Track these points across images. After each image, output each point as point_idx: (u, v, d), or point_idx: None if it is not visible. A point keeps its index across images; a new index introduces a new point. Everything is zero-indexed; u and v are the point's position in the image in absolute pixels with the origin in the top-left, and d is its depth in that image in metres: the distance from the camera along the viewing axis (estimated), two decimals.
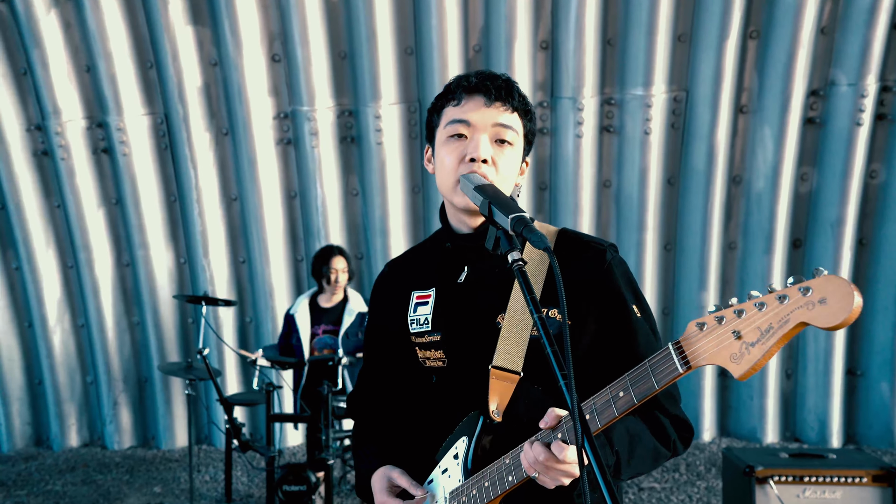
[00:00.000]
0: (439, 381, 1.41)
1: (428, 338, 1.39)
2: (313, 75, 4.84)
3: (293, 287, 5.26)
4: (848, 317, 0.85)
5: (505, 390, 1.30)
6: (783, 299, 0.89)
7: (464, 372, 1.36)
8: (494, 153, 1.30)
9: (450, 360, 1.37)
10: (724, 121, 4.75)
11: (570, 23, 4.65)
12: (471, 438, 1.31)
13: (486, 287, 1.37)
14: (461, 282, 1.39)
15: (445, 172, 1.32)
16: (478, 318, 1.35)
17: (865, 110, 4.58)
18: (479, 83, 1.32)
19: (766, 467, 3.20)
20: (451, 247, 1.40)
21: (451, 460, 1.33)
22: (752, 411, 5.11)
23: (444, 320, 1.38)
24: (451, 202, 1.35)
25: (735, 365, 0.94)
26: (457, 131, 1.31)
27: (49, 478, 4.85)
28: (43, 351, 5.40)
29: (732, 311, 0.95)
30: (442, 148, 1.33)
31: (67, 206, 5.13)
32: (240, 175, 5.08)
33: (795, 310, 0.88)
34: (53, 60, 4.80)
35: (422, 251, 1.53)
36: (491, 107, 1.31)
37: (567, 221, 4.99)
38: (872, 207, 4.84)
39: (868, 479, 3.14)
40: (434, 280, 1.42)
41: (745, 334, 0.93)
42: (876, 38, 4.44)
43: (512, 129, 1.32)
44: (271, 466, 3.51)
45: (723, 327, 0.95)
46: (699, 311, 5.06)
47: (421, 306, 1.42)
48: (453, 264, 1.40)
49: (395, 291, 1.48)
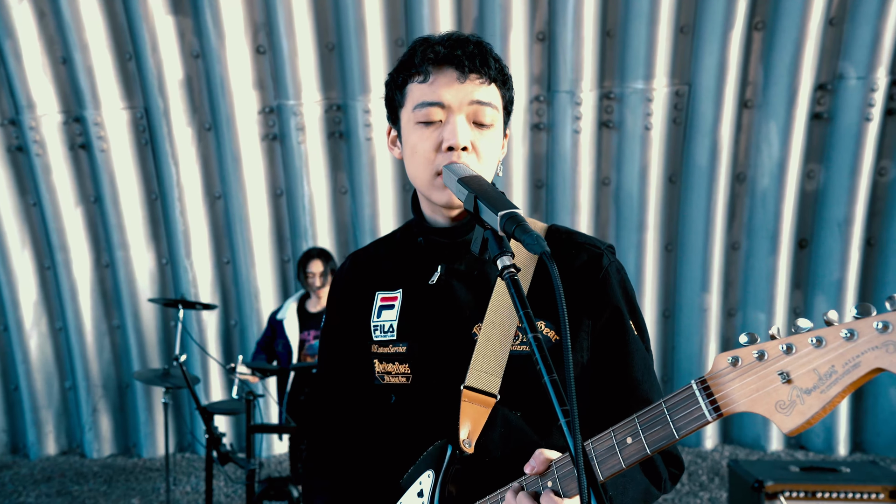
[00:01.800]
0: (400, 402, 1.20)
1: (392, 348, 1.18)
2: (300, 68, 4.66)
3: (279, 289, 5.07)
4: None
5: (478, 415, 1.11)
6: (851, 336, 0.70)
7: (431, 391, 1.15)
8: (473, 137, 1.11)
9: (415, 377, 1.16)
10: (727, 116, 4.59)
11: (568, 13, 4.49)
12: (437, 472, 1.11)
13: (462, 291, 1.17)
14: (433, 283, 1.18)
15: (419, 163, 1.12)
16: (450, 328, 1.16)
17: (875, 105, 4.43)
18: (448, 53, 1.11)
19: (775, 482, 3.02)
20: (424, 242, 1.20)
21: (413, 497, 1.13)
22: (756, 418, 4.93)
23: (411, 328, 1.18)
24: (428, 197, 1.15)
25: (783, 416, 0.74)
26: (427, 117, 1.11)
27: (23, 489, 4.65)
28: (19, 355, 5.21)
29: (779, 346, 0.75)
30: (412, 134, 1.13)
31: (43, 204, 4.93)
32: (223, 172, 4.89)
33: (869, 350, 0.69)
34: (27, 52, 4.62)
35: (390, 243, 1.30)
36: (465, 81, 1.11)
37: (564, 220, 4.81)
38: (881, 206, 4.68)
39: (885, 496, 2.95)
40: (402, 280, 1.22)
41: (796, 378, 0.73)
42: (887, 29, 4.28)
43: (491, 105, 1.13)
44: (251, 480, 3.31)
45: (765, 366, 0.76)
46: (701, 314, 4.89)
47: (386, 310, 1.21)
48: (425, 262, 1.20)
49: (358, 290, 1.26)
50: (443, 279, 1.18)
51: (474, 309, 1.15)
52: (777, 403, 0.75)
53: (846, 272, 4.70)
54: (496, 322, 1.13)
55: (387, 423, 1.22)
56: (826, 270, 4.77)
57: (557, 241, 1.18)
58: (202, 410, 3.57)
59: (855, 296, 4.75)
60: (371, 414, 1.25)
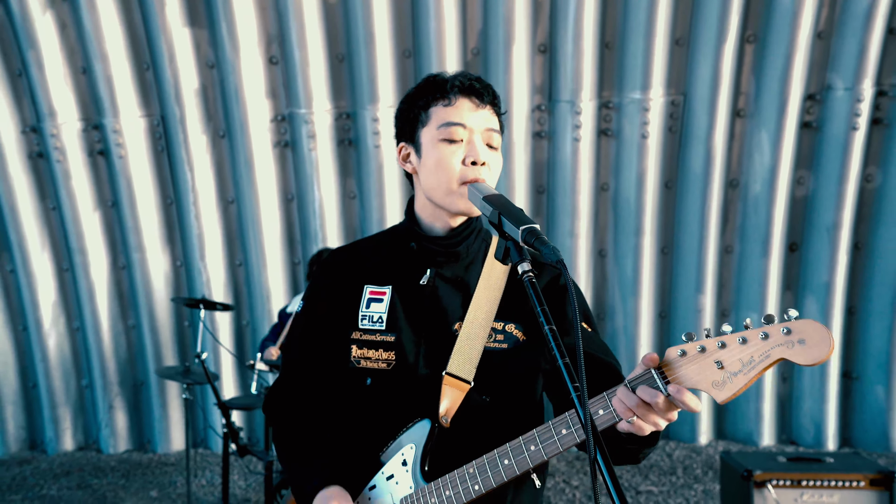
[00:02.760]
0: (376, 384, 1.35)
1: (379, 337, 1.35)
2: (311, 77, 4.83)
3: (290, 290, 5.25)
4: (824, 357, 0.96)
5: (455, 398, 1.31)
6: (766, 337, 0.99)
7: (413, 376, 1.33)
8: (490, 157, 1.34)
9: (398, 364, 1.33)
10: (721, 124, 4.77)
11: (569, 26, 4.66)
12: (419, 444, 1.29)
13: (447, 293, 1.37)
14: (423, 284, 1.37)
15: (444, 174, 1.32)
16: (436, 324, 1.35)
17: (861, 115, 4.61)
18: (469, 85, 1.35)
19: (764, 471, 3.21)
20: (416, 247, 1.38)
21: (398, 466, 1.31)
22: (749, 415, 5.13)
23: (400, 322, 1.35)
24: (444, 204, 1.34)
25: (717, 391, 1.03)
26: (453, 136, 1.32)
27: (44, 482, 4.82)
28: (38, 354, 5.37)
29: (715, 343, 1.03)
30: (435, 149, 1.33)
31: (63, 208, 5.10)
32: (237, 178, 5.06)
33: (776, 346, 0.99)
34: (49, 62, 4.78)
35: (376, 244, 1.47)
36: (480, 109, 1.34)
37: (565, 225, 5.00)
38: (868, 211, 4.87)
39: (866, 483, 3.15)
40: (391, 277, 1.39)
41: (727, 365, 1.02)
42: (872, 42, 4.47)
43: (497, 132, 1.38)
44: (269, 471, 3.49)
45: (705, 357, 1.04)
46: (696, 315, 5.08)
47: (375, 302, 1.38)
48: (416, 265, 1.38)
49: (344, 282, 1.41)
50: (431, 281, 1.37)
51: (457, 309, 1.35)
52: (713, 382, 1.04)
53: (834, 275, 4.89)
54: (475, 321, 1.33)
55: (361, 403, 1.37)
56: (815, 273, 4.96)
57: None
58: (222, 405, 3.76)
59: (843, 297, 4.94)
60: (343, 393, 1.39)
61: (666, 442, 5.24)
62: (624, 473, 4.70)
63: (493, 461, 1.21)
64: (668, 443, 5.22)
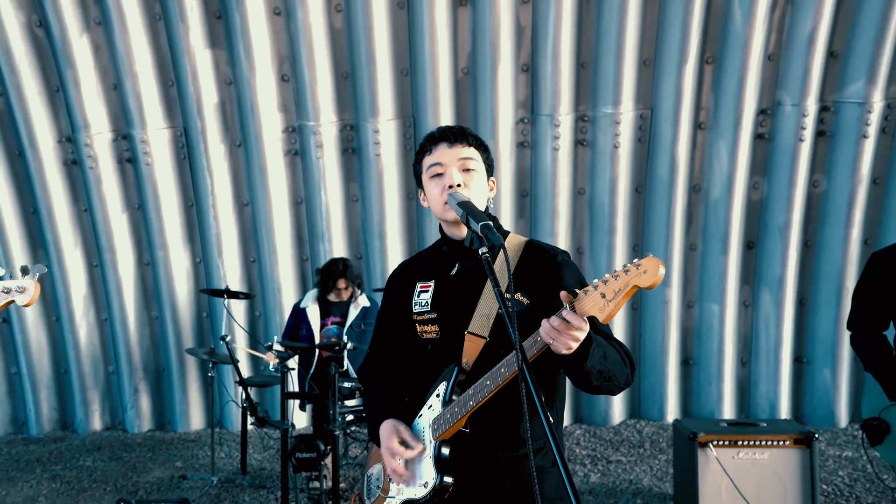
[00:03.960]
0: (433, 349, 1.85)
1: (426, 315, 1.88)
2: (318, 93, 5.36)
3: (299, 284, 5.81)
4: (657, 280, 1.40)
5: (475, 349, 1.80)
6: (627, 272, 1.45)
7: (450, 338, 1.84)
8: (465, 178, 1.81)
9: (442, 332, 1.86)
10: (684, 136, 5.32)
11: (548, 48, 5.21)
12: (448, 381, 1.80)
13: (470, 278, 1.87)
14: (453, 274, 1.89)
15: (434, 200, 1.84)
16: (463, 300, 1.86)
17: (807, 128, 5.17)
18: (440, 134, 1.85)
19: (706, 433, 3.76)
20: (447, 250, 1.92)
21: (434, 399, 1.82)
22: (711, 395, 5.70)
23: (439, 302, 1.88)
24: (444, 219, 1.86)
25: (602, 314, 1.48)
26: (435, 172, 1.82)
27: (79, 455, 5.37)
28: (70, 343, 5.92)
29: (601, 282, 1.49)
30: (428, 184, 1.85)
31: (94, 210, 5.65)
32: (251, 183, 5.61)
33: (632, 278, 1.44)
34: (84, 79, 5.31)
35: (425, 255, 2.02)
36: (453, 147, 1.82)
37: (545, 226, 5.56)
38: (815, 213, 5.43)
39: (790, 443, 3.72)
40: (433, 274, 1.93)
41: (606, 295, 1.48)
42: (815, 64, 5.03)
43: (472, 158, 1.82)
44: (285, 437, 4.05)
45: (595, 292, 1.50)
46: (664, 306, 5.64)
47: (423, 293, 1.91)
48: (448, 261, 1.92)
49: (404, 284, 1.95)
50: (459, 271, 1.89)
51: (478, 288, 1.85)
52: (599, 308, 1.48)
53: (786, 270, 5.46)
54: (488, 298, 1.83)
55: (424, 362, 1.90)
56: (769, 268, 5.53)
57: (531, 249, 1.88)
58: (242, 382, 4.33)
59: (794, 290, 5.50)
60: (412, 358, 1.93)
61: (637, 420, 5.82)
62: (598, 446, 5.27)
63: (482, 383, 1.71)
64: (638, 421, 5.80)
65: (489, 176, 1.90)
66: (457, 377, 1.79)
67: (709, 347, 5.69)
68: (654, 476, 4.64)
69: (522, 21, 5.19)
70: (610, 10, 5.07)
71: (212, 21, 5.24)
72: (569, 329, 1.51)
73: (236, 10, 5.11)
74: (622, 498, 4.28)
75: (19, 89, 5.30)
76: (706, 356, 5.72)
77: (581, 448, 5.27)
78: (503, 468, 1.78)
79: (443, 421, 1.76)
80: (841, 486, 4.38)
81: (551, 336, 1.53)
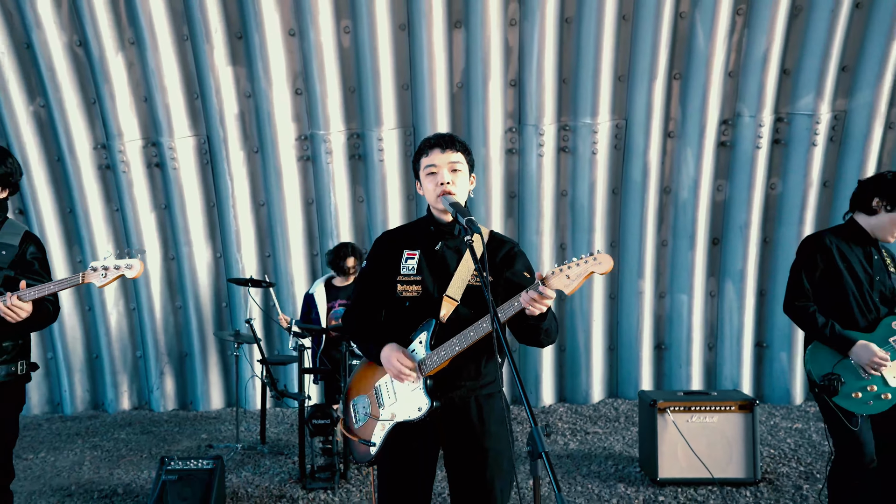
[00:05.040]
0: (411, 305, 2.34)
1: (412, 278, 2.36)
2: (328, 105, 5.95)
3: (309, 276, 6.42)
4: (608, 270, 2.01)
5: (449, 308, 2.36)
6: (586, 262, 2.07)
7: (429, 299, 2.38)
8: (452, 177, 2.38)
9: (422, 292, 2.33)
10: (655, 144, 5.94)
11: (533, 66, 5.83)
12: (428, 332, 2.35)
13: (449, 254, 2.43)
14: (437, 250, 2.45)
15: (429, 192, 2.41)
16: (443, 271, 2.42)
17: (764, 137, 5.80)
18: (435, 141, 2.41)
19: (665, 401, 4.40)
20: (434, 230, 2.49)
21: (417, 345, 2.35)
22: (681, 377, 6.33)
23: (424, 270, 2.42)
24: (435, 206, 2.44)
25: (566, 289, 2.08)
26: (430, 171, 2.40)
27: (113, 430, 5.98)
28: (101, 330, 6.52)
29: (566, 266, 2.10)
30: (424, 180, 2.42)
31: (125, 210, 6.25)
32: (267, 185, 6.21)
33: (590, 266, 2.06)
34: (118, 92, 5.91)
35: (409, 228, 2.48)
36: (444, 152, 2.38)
37: (532, 225, 6.18)
38: (773, 213, 6.05)
39: (735, 408, 4.34)
40: (419, 245, 2.46)
41: (570, 276, 2.09)
42: (769, 80, 5.66)
43: (459, 161, 2.34)
44: (302, 406, 4.67)
45: (562, 273, 2.10)
46: (639, 296, 6.27)
47: (410, 260, 2.43)
48: (433, 239, 2.47)
49: (391, 250, 2.40)
50: (441, 249, 2.48)
51: (454, 263, 2.45)
52: (564, 285, 2.09)
53: (747, 264, 6.08)
54: (462, 271, 2.42)
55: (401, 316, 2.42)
56: (732, 262, 6.15)
57: (494, 239, 2.48)
58: (264, 360, 4.95)
59: (755, 282, 6.13)
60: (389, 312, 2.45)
61: (615, 399, 6.45)
62: (578, 421, 5.90)
63: (465, 333, 2.27)
64: (616, 400, 6.43)
65: (471, 173, 2.48)
66: (436, 328, 2.35)
67: (679, 334, 6.32)
68: (625, 444, 5.27)
69: (510, 42, 5.82)
70: (588, 32, 5.69)
71: (233, 41, 5.86)
72: (542, 299, 2.11)
73: (255, 31, 5.73)
74: (595, 461, 4.90)
75: (60, 102, 5.91)
76: (676, 341, 6.35)
77: (563, 423, 5.89)
78: (469, 394, 2.38)
79: (430, 362, 2.32)
80: (786, 450, 5.00)
81: (529, 303, 2.13)
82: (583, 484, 4.45)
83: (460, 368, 2.34)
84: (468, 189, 2.43)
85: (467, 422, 2.36)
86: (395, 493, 2.38)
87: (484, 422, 2.36)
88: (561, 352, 6.46)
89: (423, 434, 2.35)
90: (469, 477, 2.35)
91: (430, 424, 2.34)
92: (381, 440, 2.39)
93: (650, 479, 4.40)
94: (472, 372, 2.37)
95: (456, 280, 2.36)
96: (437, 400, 2.30)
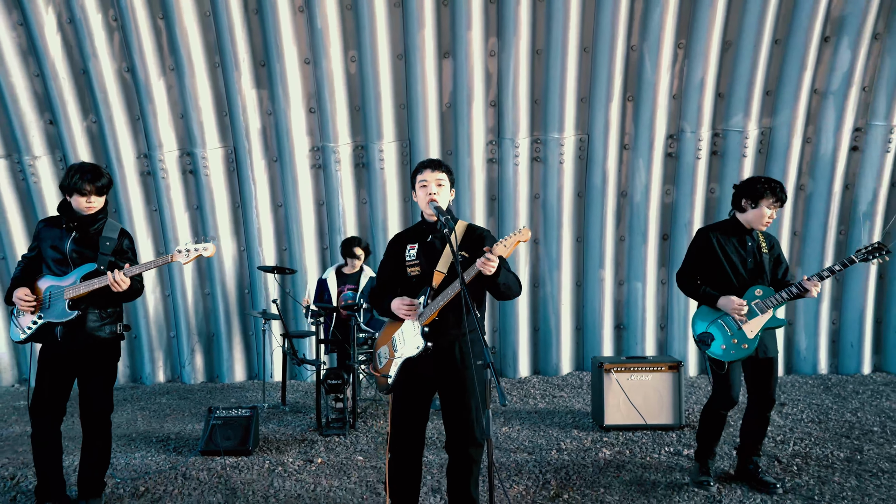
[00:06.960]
0: (416, 280, 3.35)
1: (414, 261, 3.47)
2: (337, 122, 7.02)
3: (320, 266, 7.49)
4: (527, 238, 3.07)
5: (439, 279, 3.40)
6: (514, 236, 3.12)
7: (426, 273, 3.43)
8: (438, 190, 3.41)
9: (422, 271, 3.46)
10: (613, 154, 7.03)
11: (510, 89, 6.90)
12: (425, 295, 3.40)
13: (437, 243, 3.46)
14: (428, 241, 3.50)
15: (422, 200, 3.46)
16: (434, 255, 3.45)
17: (703, 149, 6.90)
18: (427, 163, 3.45)
19: (610, 363, 5.49)
20: (426, 227, 3.61)
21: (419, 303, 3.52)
22: (637, 353, 7.42)
23: (422, 255, 3.46)
24: (426, 211, 3.52)
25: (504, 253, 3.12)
26: (422, 184, 3.43)
27: (153, 397, 7.05)
28: (140, 313, 7.56)
29: (504, 239, 3.15)
30: (418, 191, 3.46)
31: (163, 210, 7.32)
32: (285, 189, 7.28)
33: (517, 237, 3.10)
34: (159, 110, 6.98)
35: (412, 229, 3.59)
36: (433, 172, 3.41)
37: (509, 223, 7.27)
38: (713, 213, 7.14)
39: (665, 368, 5.44)
40: (417, 239, 3.51)
41: (506, 244, 3.12)
42: (706, 102, 6.76)
43: (443, 179, 3.29)
44: (318, 369, 5.75)
45: (501, 244, 3.15)
46: (600, 284, 7.36)
47: (411, 250, 3.48)
48: (425, 234, 3.52)
49: (400, 245, 3.50)
50: (432, 240, 3.55)
51: (441, 249, 3.55)
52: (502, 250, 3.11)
53: None
54: (446, 252, 3.51)
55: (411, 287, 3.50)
56: (679, 255, 7.23)
57: (470, 228, 3.54)
58: (287, 333, 6.03)
59: None
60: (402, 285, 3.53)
61: (581, 372, 7.54)
62: (548, 388, 6.99)
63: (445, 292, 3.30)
64: (581, 372, 7.53)
65: (451, 187, 3.55)
66: (430, 292, 3.43)
67: (635, 315, 7.42)
68: (584, 404, 6.37)
69: (490, 69, 6.91)
70: (555, 62, 6.78)
71: (258, 68, 6.93)
72: (488, 262, 3.18)
73: (276, 60, 6.79)
74: (558, 415, 6.00)
75: (110, 118, 6.97)
76: (633, 322, 7.45)
77: (536, 390, 6.98)
78: (454, 339, 3.45)
79: (427, 312, 3.39)
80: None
81: (481, 265, 3.19)
82: (545, 430, 5.54)
83: (447, 320, 3.36)
84: (449, 199, 3.48)
85: (451, 360, 3.40)
86: (404, 409, 3.42)
87: (464, 359, 3.42)
88: (535, 331, 7.56)
89: (422, 368, 3.39)
90: (453, 398, 3.40)
91: (427, 361, 3.37)
92: (395, 374, 3.47)
93: (598, 425, 5.50)
94: (454, 321, 3.39)
95: (443, 259, 3.40)
96: (431, 342, 3.37)
